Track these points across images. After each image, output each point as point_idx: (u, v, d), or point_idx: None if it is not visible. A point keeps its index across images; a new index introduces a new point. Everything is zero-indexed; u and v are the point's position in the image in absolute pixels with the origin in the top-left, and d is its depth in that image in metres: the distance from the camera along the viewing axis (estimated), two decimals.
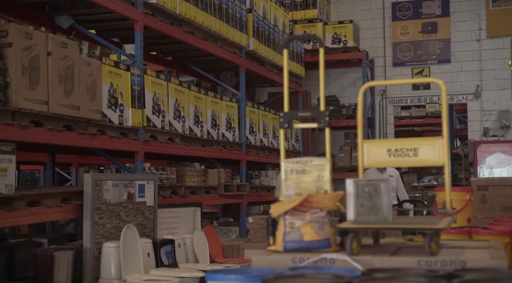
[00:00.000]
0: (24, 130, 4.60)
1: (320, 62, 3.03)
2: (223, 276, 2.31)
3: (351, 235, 2.47)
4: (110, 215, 5.37)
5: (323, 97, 3.07)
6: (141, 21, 6.22)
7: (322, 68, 3.04)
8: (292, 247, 2.61)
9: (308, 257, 2.48)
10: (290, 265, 2.48)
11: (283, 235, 2.62)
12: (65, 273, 4.86)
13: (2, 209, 4.37)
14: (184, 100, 7.02)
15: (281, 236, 2.63)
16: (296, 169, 2.79)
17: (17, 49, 4.51)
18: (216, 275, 2.31)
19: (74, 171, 9.03)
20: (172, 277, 5.21)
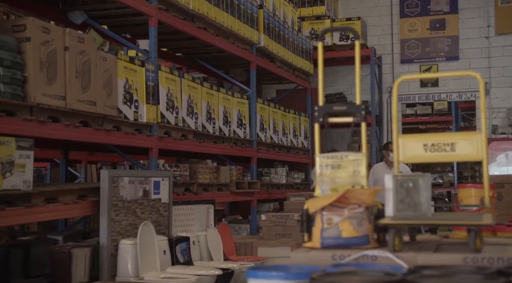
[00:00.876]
0: (42, 126, 4.55)
1: (355, 55, 2.99)
2: (264, 273, 2.25)
3: (393, 232, 2.41)
4: (126, 212, 5.32)
5: (359, 91, 3.01)
6: (156, 16, 6.15)
7: (358, 62, 2.99)
8: (330, 244, 2.56)
9: (348, 254, 2.43)
10: (330, 262, 2.43)
11: (321, 232, 2.57)
12: (82, 270, 4.80)
13: (20, 206, 4.31)
14: (197, 96, 6.96)
15: (318, 232, 2.57)
16: (331, 164, 2.74)
17: (35, 43, 4.45)
18: (257, 272, 2.26)
19: (83, 168, 8.96)
20: (189, 275, 5.15)
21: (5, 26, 4.48)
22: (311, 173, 2.76)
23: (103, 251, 5.03)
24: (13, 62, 4.29)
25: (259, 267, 2.33)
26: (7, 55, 4.24)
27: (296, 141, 10.23)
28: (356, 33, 3.06)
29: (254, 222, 8.45)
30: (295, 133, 10.20)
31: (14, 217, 4.26)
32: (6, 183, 4.19)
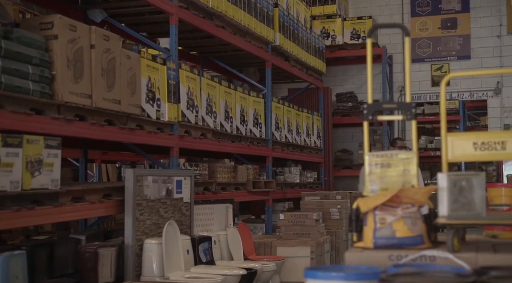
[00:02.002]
0: (69, 124, 4.51)
1: (406, 52, 2.93)
2: (324, 274, 2.21)
3: (452, 232, 2.37)
4: (150, 211, 5.28)
5: (409, 87, 2.97)
6: (176, 14, 6.12)
7: (408, 58, 2.94)
8: (383, 244, 2.52)
9: (405, 254, 2.39)
10: (387, 262, 2.39)
11: (373, 231, 2.53)
12: (109, 270, 4.77)
13: (49, 205, 4.27)
14: (216, 95, 6.93)
15: (371, 232, 2.53)
16: (381, 163, 2.70)
17: (62, 41, 4.41)
18: (316, 273, 2.22)
19: (97, 167, 8.93)
20: (215, 275, 5.11)
21: (33, 24, 4.44)
22: (361, 172, 2.72)
23: (128, 250, 4.99)
24: (42, 60, 4.25)
25: (317, 268, 2.29)
26: (36, 53, 4.20)
27: (309, 140, 10.19)
28: (407, 30, 3.02)
29: (270, 222, 8.41)
30: (308, 132, 10.16)
31: (43, 216, 4.22)
32: (34, 182, 4.15)
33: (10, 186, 3.92)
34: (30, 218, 4.08)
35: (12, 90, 3.93)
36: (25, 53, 4.10)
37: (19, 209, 3.96)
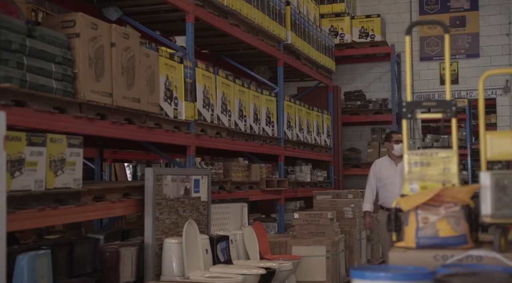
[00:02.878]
0: (90, 123, 4.48)
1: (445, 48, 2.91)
2: (372, 274, 2.18)
3: (499, 231, 2.34)
4: (169, 210, 5.25)
5: (449, 84, 2.94)
6: (193, 12, 6.09)
7: (447, 54, 2.91)
8: (425, 244, 2.49)
9: (451, 254, 2.36)
10: (432, 262, 2.36)
11: (415, 231, 2.50)
12: (130, 269, 4.75)
13: (71, 204, 4.24)
14: (230, 93, 6.90)
15: (413, 231, 2.50)
16: (420, 161, 2.67)
17: (84, 39, 4.38)
18: (364, 273, 2.19)
19: (108, 166, 8.88)
20: (235, 274, 5.09)
21: (54, 22, 4.41)
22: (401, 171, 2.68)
23: (148, 250, 4.96)
24: (64, 58, 4.22)
25: (364, 268, 2.26)
26: (59, 51, 4.17)
27: (319, 139, 10.16)
28: (446, 27, 2.99)
29: (282, 221, 8.38)
30: (318, 130, 10.13)
31: (66, 216, 4.19)
32: (57, 181, 4.13)
33: (35, 186, 3.89)
34: (54, 217, 4.05)
35: (36, 89, 3.90)
36: (49, 52, 4.07)
37: (43, 208, 3.94)
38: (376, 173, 7.06)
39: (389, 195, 6.76)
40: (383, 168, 7.01)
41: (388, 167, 6.98)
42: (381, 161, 7.20)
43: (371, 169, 7.18)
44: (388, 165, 7.00)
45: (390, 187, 6.86)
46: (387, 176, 6.94)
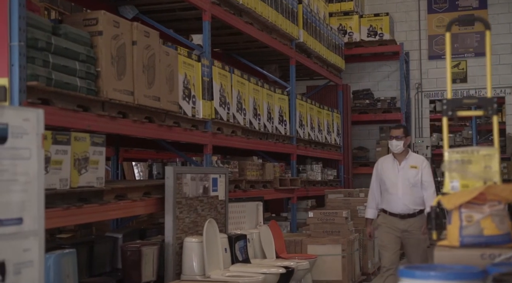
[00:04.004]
0: (113, 122, 4.46)
1: (486, 46, 2.88)
2: (422, 273, 2.16)
3: None
4: (189, 209, 5.23)
5: (490, 82, 2.92)
6: (209, 10, 6.06)
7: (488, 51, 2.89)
8: (470, 242, 2.46)
9: (498, 253, 2.34)
10: (479, 261, 2.34)
11: (459, 230, 2.47)
12: (151, 268, 4.72)
13: (94, 203, 4.22)
14: (245, 92, 6.87)
15: (456, 230, 2.48)
16: (461, 159, 2.64)
17: (107, 37, 4.36)
18: (414, 272, 2.17)
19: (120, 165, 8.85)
20: (255, 274, 5.06)
21: (76, 20, 4.38)
22: (442, 167, 2.66)
23: (169, 249, 4.93)
24: (88, 56, 4.20)
25: (413, 267, 2.24)
26: (82, 49, 4.15)
27: (329, 137, 10.14)
28: (487, 23, 2.96)
29: (295, 220, 8.37)
30: (329, 129, 10.11)
31: (90, 215, 4.17)
32: (81, 180, 4.11)
33: (60, 184, 3.87)
34: (78, 216, 4.03)
35: (61, 87, 3.87)
36: (73, 49, 4.04)
37: (68, 207, 3.91)
38: (379, 173, 6.12)
39: (391, 198, 5.93)
40: (386, 167, 6.07)
41: (391, 166, 6.02)
42: (385, 160, 6.20)
43: (374, 169, 6.24)
44: (391, 164, 6.03)
45: (392, 189, 5.93)
46: (389, 176, 5.99)
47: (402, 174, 5.93)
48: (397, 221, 5.89)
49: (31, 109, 2.36)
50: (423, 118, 12.51)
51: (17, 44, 3.50)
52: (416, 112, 12.48)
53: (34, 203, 2.35)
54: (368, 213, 6.23)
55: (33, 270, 2.35)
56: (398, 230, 5.89)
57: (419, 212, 5.88)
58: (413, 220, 5.87)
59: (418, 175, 5.90)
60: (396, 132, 6.03)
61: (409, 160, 6.00)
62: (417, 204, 5.90)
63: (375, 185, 6.17)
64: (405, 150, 6.04)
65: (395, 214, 5.92)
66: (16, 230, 2.21)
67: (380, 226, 6.06)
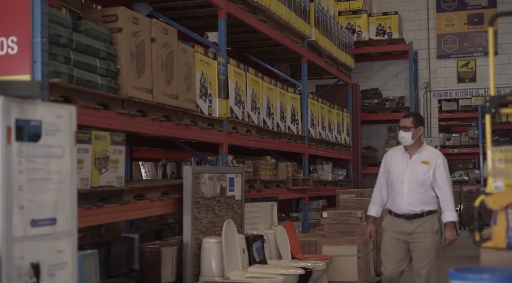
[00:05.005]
0: (132, 120, 4.38)
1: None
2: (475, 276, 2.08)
3: None
4: (207, 209, 5.15)
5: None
6: (225, 8, 5.98)
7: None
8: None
9: None
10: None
11: (506, 231, 2.39)
12: (170, 269, 4.65)
13: (114, 203, 4.14)
14: (259, 91, 6.80)
15: (503, 231, 2.40)
16: (504, 158, 2.56)
17: (126, 34, 4.28)
18: (467, 275, 2.08)
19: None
20: (275, 275, 4.98)
21: (95, 16, 4.30)
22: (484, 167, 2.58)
23: (187, 249, 4.85)
24: (108, 53, 4.12)
25: (464, 269, 2.16)
26: (103, 46, 4.07)
27: (339, 137, 10.06)
28: None
29: (306, 220, 8.29)
30: (339, 129, 10.03)
31: (110, 215, 4.09)
32: (102, 180, 4.03)
33: (81, 184, 3.79)
34: (99, 216, 3.95)
35: (83, 84, 3.80)
36: (94, 46, 3.97)
37: (89, 207, 3.84)
38: (387, 165, 5.37)
39: (395, 197, 5.22)
40: (395, 160, 5.30)
41: (400, 159, 5.25)
42: (394, 151, 5.42)
43: (382, 160, 5.50)
44: (400, 157, 5.26)
45: (397, 185, 5.21)
46: (396, 170, 5.24)
47: (410, 169, 5.16)
48: (402, 223, 5.16)
49: (64, 106, 2.28)
50: (432, 118, 12.43)
51: (39, 41, 3.43)
52: (424, 112, 12.39)
53: (67, 202, 2.27)
54: (371, 210, 5.48)
55: (66, 272, 2.27)
56: (404, 234, 5.16)
57: (428, 212, 5.14)
58: (420, 222, 5.12)
59: (429, 172, 5.12)
60: (404, 121, 5.23)
61: (422, 154, 5.20)
62: (426, 203, 5.14)
63: (382, 179, 5.41)
64: (418, 142, 5.23)
65: (400, 215, 5.18)
66: (50, 230, 2.13)
67: (384, 230, 5.38)
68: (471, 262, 9.48)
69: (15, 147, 1.98)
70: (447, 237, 5.11)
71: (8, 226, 2.00)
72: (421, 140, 5.30)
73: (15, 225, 2.01)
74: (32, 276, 2.05)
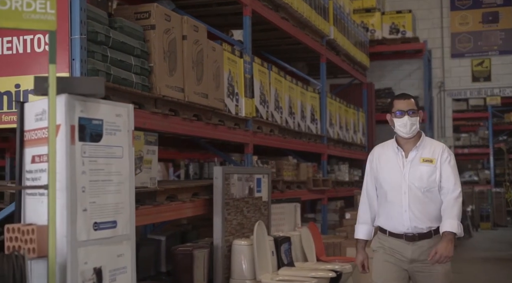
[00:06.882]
0: (165, 119, 4.27)
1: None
2: None
3: None
4: (236, 210, 5.04)
5: None
6: (250, 5, 5.87)
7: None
8: None
9: None
10: None
11: None
12: (202, 272, 4.54)
13: (148, 204, 4.03)
14: (282, 90, 6.69)
15: None
16: None
17: (159, 31, 4.17)
18: None
19: None
20: (307, 278, 4.88)
21: (127, 13, 4.19)
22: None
23: (218, 252, 4.74)
24: (142, 51, 4.01)
25: None
26: (137, 43, 3.96)
27: (356, 137, 9.95)
28: None
29: (326, 221, 8.18)
30: (355, 129, 9.92)
31: (145, 217, 3.97)
32: (136, 180, 3.88)
33: None
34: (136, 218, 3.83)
35: (119, 83, 3.69)
36: (129, 44, 3.86)
37: None
38: (375, 169, 3.92)
39: (391, 210, 3.78)
40: (385, 161, 3.87)
41: (393, 159, 3.83)
42: (383, 149, 3.97)
43: (367, 163, 4.04)
44: (392, 156, 3.84)
45: (393, 194, 3.77)
46: (389, 174, 3.81)
47: (409, 171, 3.74)
48: (402, 246, 3.74)
49: (122, 104, 2.18)
50: (446, 118, 12.33)
51: (78, 37, 3.32)
52: (438, 111, 12.29)
53: (127, 205, 2.17)
54: (359, 231, 4.01)
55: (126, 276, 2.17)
56: (404, 261, 3.74)
57: (438, 231, 3.71)
58: (427, 244, 3.70)
59: (435, 174, 3.73)
60: (406, 104, 3.81)
61: (421, 150, 3.79)
62: (434, 218, 3.74)
63: (370, 187, 3.97)
64: (417, 133, 3.85)
65: (399, 235, 3.75)
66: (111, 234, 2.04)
67: (376, 252, 3.90)
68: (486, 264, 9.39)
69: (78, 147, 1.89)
70: (439, 251, 3.57)
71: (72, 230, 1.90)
72: (419, 131, 3.87)
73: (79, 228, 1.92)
74: (95, 282, 1.96)
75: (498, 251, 10.58)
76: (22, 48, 3.40)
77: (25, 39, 3.41)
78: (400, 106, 3.81)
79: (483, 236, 12.86)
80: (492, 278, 8.23)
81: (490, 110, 16.55)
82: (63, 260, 1.83)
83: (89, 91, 2.02)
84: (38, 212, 1.89)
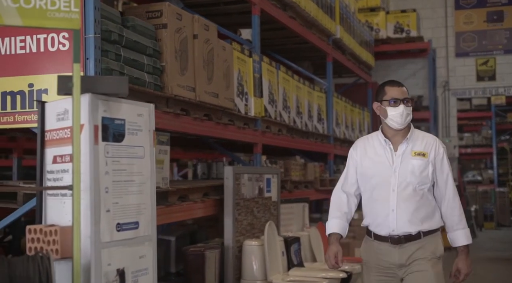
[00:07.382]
0: (176, 119, 4.24)
1: None
2: None
3: None
4: (246, 211, 5.01)
5: None
6: (259, 4, 5.84)
7: None
8: None
9: None
10: None
11: None
12: (213, 273, 4.51)
13: (161, 204, 3.99)
14: (289, 89, 6.66)
15: None
16: None
17: (171, 30, 4.14)
18: None
19: None
20: (318, 278, 4.85)
21: (138, 12, 4.16)
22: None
23: (229, 252, 4.72)
24: (154, 50, 3.98)
25: None
26: (149, 42, 3.94)
27: (360, 133, 9.92)
28: None
29: None
30: (360, 128, 9.89)
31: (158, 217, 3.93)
32: None
33: None
34: None
35: (132, 82, 3.65)
36: (141, 43, 3.83)
37: None
38: (358, 163, 3.58)
39: (377, 209, 3.48)
40: (371, 154, 3.54)
41: (380, 152, 3.50)
42: (368, 142, 3.62)
43: (349, 156, 3.69)
44: (380, 149, 3.51)
45: (379, 191, 3.46)
46: (378, 169, 3.47)
47: (400, 166, 3.43)
48: (388, 251, 3.42)
49: (144, 104, 2.15)
50: (450, 117, 12.30)
51: (92, 36, 3.29)
52: (443, 110, 12.26)
53: (148, 206, 2.15)
54: (331, 225, 3.63)
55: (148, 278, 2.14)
56: (393, 270, 3.43)
57: (428, 233, 3.43)
58: (414, 247, 3.40)
59: (427, 169, 3.43)
60: (400, 91, 3.50)
61: (412, 142, 3.48)
62: (425, 219, 3.43)
63: (350, 182, 3.62)
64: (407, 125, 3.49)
65: (383, 238, 3.44)
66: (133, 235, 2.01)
67: (365, 264, 3.64)
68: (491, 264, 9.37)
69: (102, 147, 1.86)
70: (462, 270, 3.41)
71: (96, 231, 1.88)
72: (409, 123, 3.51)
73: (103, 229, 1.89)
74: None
75: (503, 251, 10.56)
76: (36, 47, 3.37)
77: (38, 38, 3.38)
78: (394, 94, 3.47)
79: (487, 236, 12.84)
80: (497, 277, 8.21)
81: (493, 110, 16.53)
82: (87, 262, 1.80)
83: (113, 90, 1.99)
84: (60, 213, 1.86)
